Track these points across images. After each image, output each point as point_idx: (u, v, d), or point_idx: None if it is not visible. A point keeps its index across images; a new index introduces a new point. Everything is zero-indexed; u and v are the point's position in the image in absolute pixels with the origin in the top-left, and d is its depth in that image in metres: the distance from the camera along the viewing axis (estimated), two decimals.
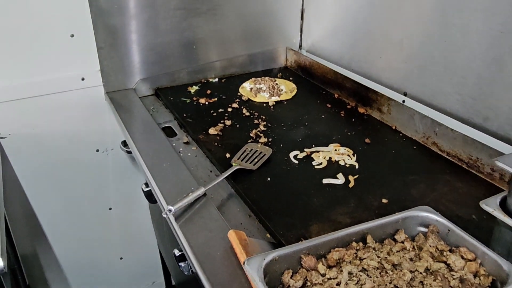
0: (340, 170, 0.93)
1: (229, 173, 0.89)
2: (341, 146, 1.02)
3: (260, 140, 1.05)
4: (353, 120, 1.16)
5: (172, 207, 0.76)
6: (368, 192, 0.86)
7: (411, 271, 0.61)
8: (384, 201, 0.83)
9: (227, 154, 0.99)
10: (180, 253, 0.88)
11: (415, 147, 1.03)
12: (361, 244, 0.66)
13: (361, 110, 1.21)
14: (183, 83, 1.40)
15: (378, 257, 0.63)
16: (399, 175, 0.91)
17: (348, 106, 1.24)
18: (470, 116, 0.97)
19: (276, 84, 1.35)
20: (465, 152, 0.93)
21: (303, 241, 0.65)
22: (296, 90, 1.35)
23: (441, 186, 0.87)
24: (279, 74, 1.48)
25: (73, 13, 1.18)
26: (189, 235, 0.73)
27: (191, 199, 0.80)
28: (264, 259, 0.59)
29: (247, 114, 1.20)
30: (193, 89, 1.37)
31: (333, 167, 0.95)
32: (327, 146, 1.02)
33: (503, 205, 0.63)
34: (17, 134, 1.23)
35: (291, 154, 0.99)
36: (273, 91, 1.31)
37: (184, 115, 1.18)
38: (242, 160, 0.95)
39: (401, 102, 1.11)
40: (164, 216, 0.77)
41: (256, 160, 0.96)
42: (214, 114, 1.20)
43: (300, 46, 1.57)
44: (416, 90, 1.10)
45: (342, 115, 1.19)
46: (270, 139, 1.06)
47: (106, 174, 1.43)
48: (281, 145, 1.04)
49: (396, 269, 0.62)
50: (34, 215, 1.37)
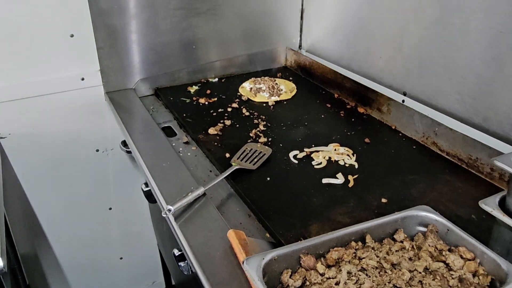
0: (340, 170, 0.93)
1: (228, 173, 0.89)
2: (341, 146, 1.02)
3: (260, 140, 1.05)
4: (353, 120, 1.17)
5: (171, 207, 0.76)
6: (367, 191, 0.86)
7: (410, 271, 0.61)
8: (384, 200, 0.83)
9: (227, 154, 0.99)
10: (179, 252, 0.88)
11: (414, 147, 1.03)
12: (360, 243, 0.66)
13: (361, 110, 1.21)
14: (183, 83, 1.40)
15: (377, 256, 0.64)
16: (398, 175, 0.91)
17: (348, 106, 1.24)
18: (470, 116, 0.97)
19: (276, 84, 1.35)
20: (464, 152, 0.93)
21: (302, 240, 0.65)
22: (295, 90, 1.35)
23: (440, 185, 0.87)
24: (278, 74, 1.48)
25: (73, 13, 1.18)
26: (188, 234, 0.73)
27: (190, 199, 0.80)
28: (263, 258, 0.59)
29: (247, 114, 1.20)
30: (193, 89, 1.37)
31: (332, 167, 0.95)
32: (327, 146, 1.02)
33: (502, 204, 0.63)
34: (17, 134, 1.24)
35: (291, 154, 0.99)
36: (273, 91, 1.31)
37: (184, 115, 1.18)
38: (241, 160, 0.95)
39: (401, 102, 1.11)
40: (163, 215, 0.77)
41: (255, 160, 0.96)
42: (214, 114, 1.20)
43: (300, 46, 1.57)
44: (415, 90, 1.10)
45: (342, 115, 1.19)
46: (270, 139, 1.06)
47: (106, 174, 1.43)
48: (281, 145, 1.04)
49: (395, 269, 0.62)
50: (34, 215, 1.37)
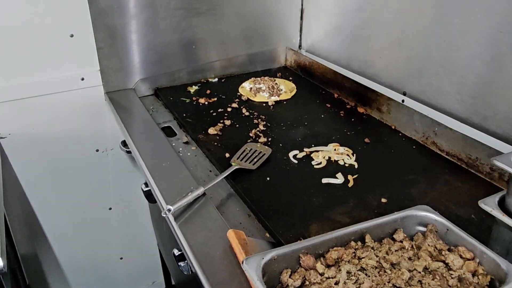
0: (340, 170, 0.93)
1: (228, 173, 0.89)
2: (341, 145, 1.02)
3: (260, 140, 1.05)
4: (353, 119, 1.17)
5: (171, 207, 0.76)
6: (367, 191, 0.86)
7: (409, 270, 0.61)
8: (383, 200, 0.83)
9: (227, 154, 0.99)
10: (179, 252, 0.88)
11: (414, 147, 1.03)
12: (359, 243, 0.66)
13: (361, 109, 1.21)
14: (182, 83, 1.40)
15: (377, 256, 0.64)
16: (398, 175, 0.91)
17: (348, 106, 1.24)
18: (470, 116, 0.97)
19: (276, 84, 1.35)
20: (464, 152, 0.93)
21: (302, 240, 0.65)
22: (295, 90, 1.35)
23: (440, 185, 0.87)
24: (278, 74, 1.48)
25: (73, 13, 1.18)
26: (188, 234, 0.73)
27: (190, 199, 0.80)
28: (263, 258, 0.59)
29: (247, 114, 1.20)
30: (192, 89, 1.37)
31: (332, 167, 0.95)
32: (327, 145, 1.03)
33: (501, 204, 0.63)
34: (17, 134, 1.24)
35: (291, 154, 0.99)
36: (273, 91, 1.31)
37: (184, 115, 1.18)
38: (241, 160, 0.95)
39: (401, 102, 1.11)
40: (163, 215, 0.77)
41: (255, 159, 0.96)
42: (214, 114, 1.20)
43: (300, 46, 1.57)
44: (415, 89, 1.10)
45: (342, 115, 1.19)
46: (270, 139, 1.06)
47: (106, 174, 1.43)
48: (281, 144, 1.04)
49: (394, 268, 0.62)
50: (34, 215, 1.37)
